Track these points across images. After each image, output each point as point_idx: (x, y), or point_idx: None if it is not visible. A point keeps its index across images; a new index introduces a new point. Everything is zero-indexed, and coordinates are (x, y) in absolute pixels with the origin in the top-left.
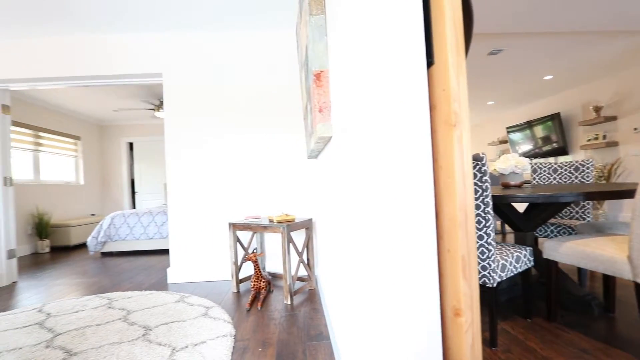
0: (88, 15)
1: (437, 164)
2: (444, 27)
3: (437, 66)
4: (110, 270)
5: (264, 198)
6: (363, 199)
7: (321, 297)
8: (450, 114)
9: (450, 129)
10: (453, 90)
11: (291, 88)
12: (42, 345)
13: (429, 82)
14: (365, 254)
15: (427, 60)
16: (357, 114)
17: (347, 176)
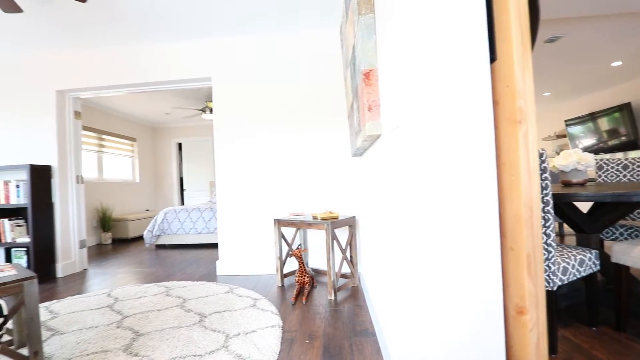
0: (147, 27)
1: (500, 161)
2: (508, 22)
3: (500, 62)
4: (164, 262)
5: (308, 195)
6: (419, 196)
7: (365, 294)
8: (514, 111)
9: (514, 125)
10: (518, 86)
11: (335, 87)
12: (113, 325)
13: (492, 78)
14: (421, 252)
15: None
16: (413, 111)
17: (399, 173)
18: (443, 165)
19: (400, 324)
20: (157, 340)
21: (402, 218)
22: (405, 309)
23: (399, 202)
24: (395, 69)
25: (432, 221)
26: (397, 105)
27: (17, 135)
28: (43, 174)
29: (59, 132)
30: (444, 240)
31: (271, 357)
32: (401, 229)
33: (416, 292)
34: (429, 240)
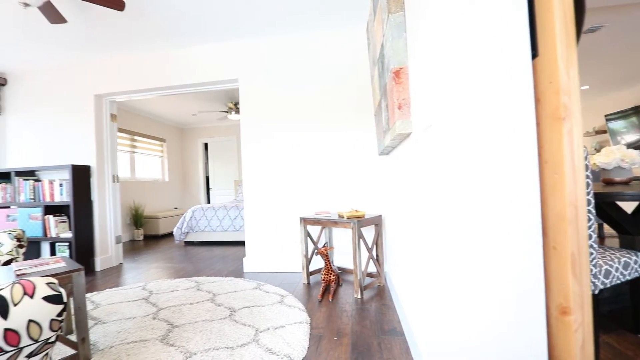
0: (176, 32)
1: (542, 159)
2: (551, 16)
3: (542, 58)
4: (193, 258)
5: (333, 194)
6: (455, 195)
7: (391, 294)
8: (558, 107)
9: (558, 122)
10: (562, 82)
11: (361, 85)
12: (150, 317)
13: (533, 74)
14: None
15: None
16: (448, 109)
17: (432, 172)
18: (481, 164)
19: (433, 324)
20: (191, 332)
21: (436, 217)
22: (439, 309)
23: (431, 201)
24: (428, 66)
25: (469, 220)
26: (430, 103)
27: (61, 137)
28: (83, 174)
29: (97, 134)
30: (482, 239)
31: (300, 352)
32: (435, 228)
33: (452, 292)
34: (466, 239)
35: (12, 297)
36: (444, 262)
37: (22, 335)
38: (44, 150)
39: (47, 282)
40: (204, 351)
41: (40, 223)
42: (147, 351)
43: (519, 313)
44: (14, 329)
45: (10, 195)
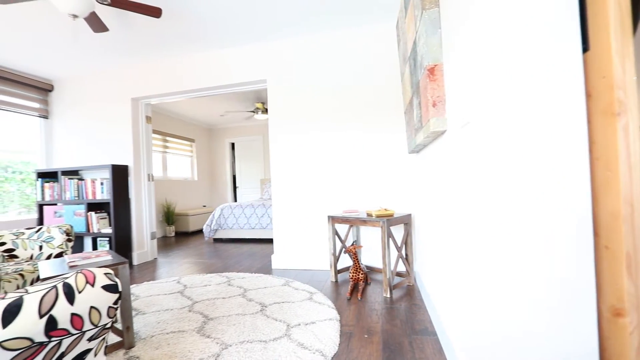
0: (206, 36)
1: (593, 156)
2: (605, 7)
3: (593, 52)
4: (222, 254)
5: (361, 192)
6: (497, 193)
7: (422, 293)
8: (612, 103)
9: (612, 118)
10: (617, 77)
11: (389, 83)
12: (186, 309)
13: (584, 69)
14: (500, 251)
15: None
16: (489, 106)
17: (471, 170)
18: (525, 161)
19: (472, 326)
20: (225, 325)
21: (475, 216)
22: (479, 312)
23: (470, 200)
24: (466, 63)
25: (512, 218)
26: (468, 100)
27: (101, 139)
28: (121, 173)
29: (134, 135)
30: (527, 238)
31: (332, 349)
32: (475, 227)
33: (494, 294)
34: (509, 238)
35: (76, 285)
36: (486, 263)
37: (85, 320)
38: (86, 150)
39: (105, 273)
40: (238, 343)
41: (83, 219)
42: (185, 341)
43: (568, 314)
44: (78, 314)
45: (57, 193)
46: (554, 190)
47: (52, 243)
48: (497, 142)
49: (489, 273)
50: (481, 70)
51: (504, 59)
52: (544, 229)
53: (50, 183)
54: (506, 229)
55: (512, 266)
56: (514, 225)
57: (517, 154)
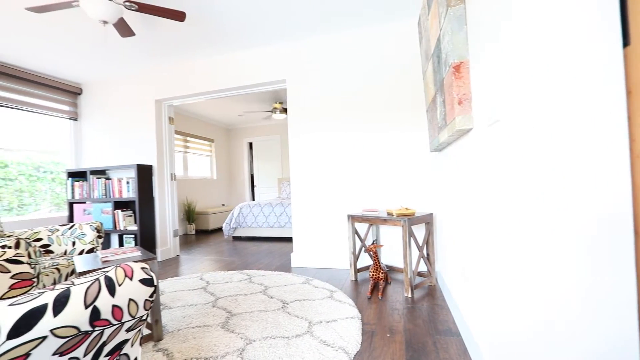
0: (225, 38)
1: (634, 154)
2: None
3: (634, 47)
4: (242, 252)
5: (381, 191)
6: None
7: (444, 294)
8: None
9: None
10: None
11: (410, 81)
12: (209, 305)
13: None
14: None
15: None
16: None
17: (499, 168)
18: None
19: (498, 328)
20: (248, 321)
21: (503, 215)
22: (509, 315)
23: (498, 199)
24: (496, 59)
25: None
26: (497, 98)
27: (126, 139)
28: (146, 172)
29: (157, 135)
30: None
31: (354, 346)
32: (503, 227)
33: (525, 297)
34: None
35: (117, 278)
36: (515, 264)
37: (125, 311)
38: (113, 151)
39: (141, 267)
40: (262, 339)
41: (110, 217)
42: (211, 335)
43: (607, 318)
44: (119, 305)
45: (86, 192)
46: (591, 189)
47: (84, 239)
48: (529, 140)
49: (518, 274)
50: (513, 67)
51: (539, 55)
52: (580, 228)
53: (80, 182)
54: (538, 228)
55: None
56: (546, 225)
57: (551, 152)
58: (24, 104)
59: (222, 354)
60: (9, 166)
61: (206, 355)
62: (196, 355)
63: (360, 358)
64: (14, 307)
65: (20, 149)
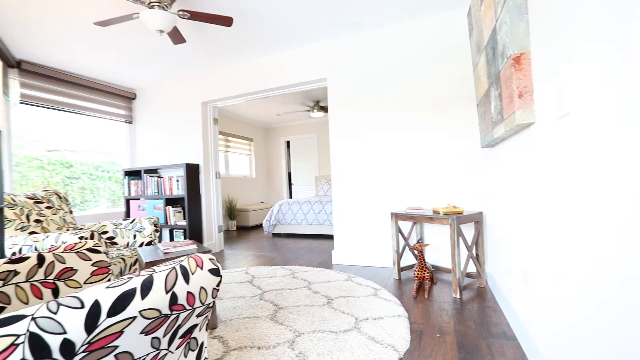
0: (267, 40)
1: None
2: None
3: None
4: (282, 248)
5: (425, 189)
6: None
7: (497, 296)
8: None
9: None
10: None
11: (458, 75)
12: (257, 297)
13: None
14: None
15: None
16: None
17: (569, 164)
18: None
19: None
20: (295, 314)
21: (577, 215)
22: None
23: (568, 197)
24: (564, 49)
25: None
26: (566, 89)
27: (176, 140)
28: (193, 171)
29: (204, 136)
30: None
31: (403, 344)
32: (577, 229)
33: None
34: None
35: (190, 268)
36: (588, 270)
37: (196, 298)
38: (163, 151)
39: (209, 258)
40: (310, 332)
41: (162, 212)
42: (261, 326)
43: None
44: (192, 292)
45: (140, 190)
46: None
47: (143, 233)
48: (610, 133)
49: (591, 278)
50: (591, 56)
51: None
52: None
53: (135, 180)
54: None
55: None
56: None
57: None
58: (85, 109)
59: (273, 344)
60: (74, 166)
61: (258, 344)
62: (249, 344)
63: (410, 356)
64: (110, 290)
65: (83, 150)
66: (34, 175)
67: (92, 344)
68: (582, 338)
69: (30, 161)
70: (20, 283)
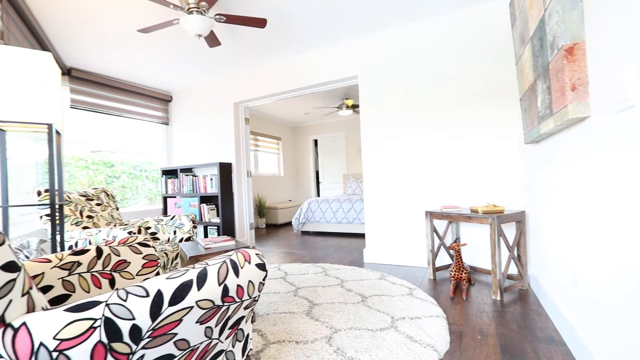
0: (297, 39)
1: None
2: None
3: None
4: (311, 246)
5: (460, 187)
6: None
7: (541, 299)
8: None
9: None
10: None
11: (497, 69)
12: (291, 294)
13: None
14: None
15: None
16: None
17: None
18: None
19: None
20: (330, 311)
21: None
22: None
23: (632, 197)
24: (624, 37)
25: None
26: (627, 81)
27: (209, 140)
28: (226, 170)
29: (236, 135)
30: None
31: (443, 345)
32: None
33: None
34: None
35: (239, 262)
36: None
37: (245, 290)
38: (198, 150)
39: (256, 253)
40: (347, 329)
41: (197, 210)
42: (297, 322)
43: None
44: (241, 285)
45: (177, 188)
46: None
47: (182, 229)
48: None
49: None
50: None
51: None
52: None
53: (172, 179)
54: None
55: None
56: None
57: None
58: (126, 112)
59: (311, 339)
60: (115, 166)
61: (297, 339)
62: (287, 339)
63: (451, 357)
64: (170, 280)
65: (122, 151)
66: (80, 174)
67: (156, 330)
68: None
69: (77, 161)
70: (82, 273)
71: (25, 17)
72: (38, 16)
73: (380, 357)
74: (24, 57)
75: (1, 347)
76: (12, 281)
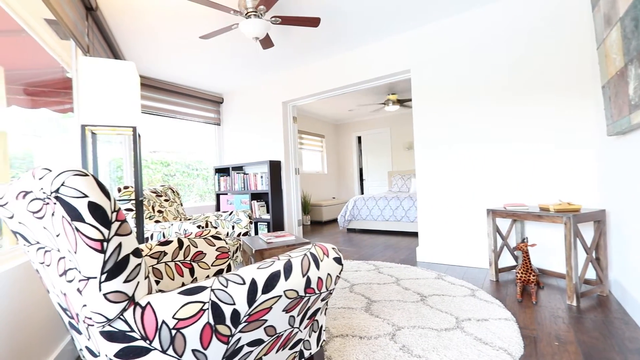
0: (346, 36)
1: None
2: None
3: None
4: (359, 244)
5: (525, 184)
6: None
7: (627, 307)
8: None
9: None
10: None
11: (567, 55)
12: (347, 290)
13: None
14: None
15: None
16: None
17: None
18: None
19: None
20: (389, 308)
21: None
22: None
23: None
24: None
25: None
26: None
27: (259, 138)
28: (276, 167)
29: (284, 134)
30: None
31: (517, 349)
32: None
33: None
34: None
35: (318, 255)
36: None
37: (324, 283)
38: (248, 149)
39: (332, 247)
40: (410, 327)
41: (248, 206)
42: (357, 317)
43: None
44: (321, 277)
45: (229, 185)
46: None
47: (240, 224)
48: None
49: None
50: None
51: None
52: None
53: (224, 177)
54: None
55: None
56: None
57: None
58: (180, 114)
59: (374, 335)
60: (170, 165)
61: (360, 334)
62: (350, 333)
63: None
64: (260, 270)
65: (177, 151)
66: None
67: (251, 316)
68: None
69: None
70: (168, 262)
71: (104, 31)
72: (114, 30)
73: (449, 357)
74: (111, 67)
75: (132, 322)
76: (139, 265)
